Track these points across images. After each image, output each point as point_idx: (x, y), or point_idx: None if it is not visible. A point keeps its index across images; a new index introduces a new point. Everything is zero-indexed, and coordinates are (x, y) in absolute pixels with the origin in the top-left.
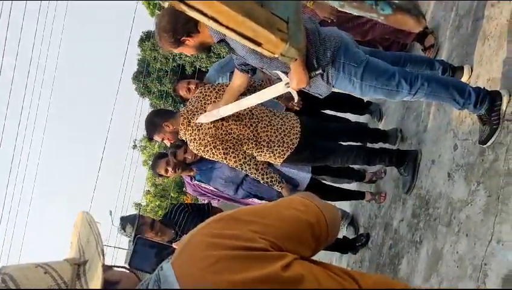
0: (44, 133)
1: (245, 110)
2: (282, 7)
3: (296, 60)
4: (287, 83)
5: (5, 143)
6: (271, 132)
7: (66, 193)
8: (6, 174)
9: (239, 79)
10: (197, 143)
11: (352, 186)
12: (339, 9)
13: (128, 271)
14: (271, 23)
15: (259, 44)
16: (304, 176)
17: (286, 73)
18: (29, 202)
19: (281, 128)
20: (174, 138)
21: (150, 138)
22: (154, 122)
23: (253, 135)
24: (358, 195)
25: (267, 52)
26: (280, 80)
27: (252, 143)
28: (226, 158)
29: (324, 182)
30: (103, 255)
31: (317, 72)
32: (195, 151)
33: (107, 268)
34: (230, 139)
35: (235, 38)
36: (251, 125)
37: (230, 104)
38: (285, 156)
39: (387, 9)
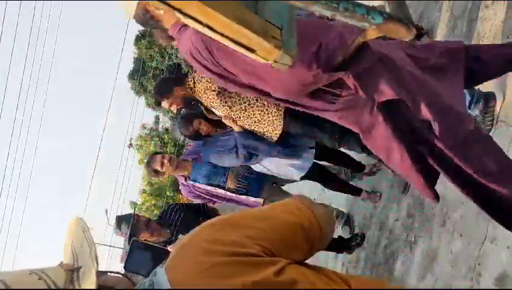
0: (40, 131)
1: None
2: (276, 14)
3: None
4: None
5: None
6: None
7: (61, 192)
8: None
9: None
10: (206, 82)
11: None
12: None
13: (122, 276)
14: (265, 30)
15: (253, 51)
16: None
17: None
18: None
19: None
20: (182, 103)
21: (158, 102)
22: (165, 86)
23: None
24: (355, 190)
25: (260, 58)
26: None
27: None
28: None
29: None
30: (97, 262)
31: None
32: (204, 90)
33: (101, 274)
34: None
35: (229, 45)
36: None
37: None
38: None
39: (378, 18)
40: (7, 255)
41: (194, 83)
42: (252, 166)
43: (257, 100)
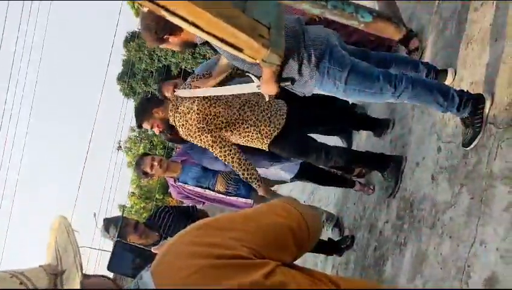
0: (27, 135)
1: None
2: (264, 13)
3: (277, 65)
4: (259, 85)
5: None
6: (258, 111)
7: (48, 195)
8: None
9: (226, 59)
10: (185, 129)
11: None
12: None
13: (106, 280)
14: (253, 29)
15: (240, 50)
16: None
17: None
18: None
19: (268, 108)
20: (163, 125)
21: (139, 124)
22: (144, 109)
23: (240, 115)
24: (348, 182)
25: (248, 58)
26: None
27: (239, 122)
28: (212, 146)
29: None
30: (81, 269)
31: (287, 84)
32: (185, 137)
33: (85, 277)
34: (219, 124)
35: (216, 44)
36: (238, 104)
37: (206, 88)
38: (272, 137)
39: (367, 17)
40: None
41: (176, 124)
42: None
43: (241, 132)
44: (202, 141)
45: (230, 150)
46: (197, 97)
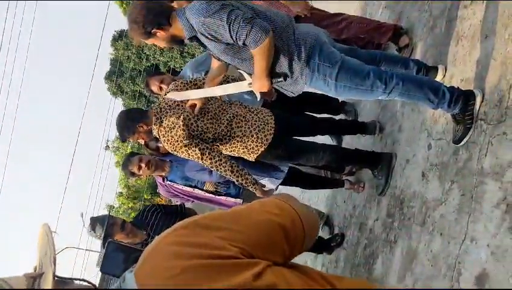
0: (13, 134)
1: (220, 107)
2: None
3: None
4: (250, 83)
5: None
6: (245, 127)
7: (37, 196)
8: None
9: (217, 62)
10: (171, 144)
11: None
12: None
13: (87, 283)
14: None
15: None
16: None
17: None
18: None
19: (255, 123)
20: (148, 137)
21: (123, 139)
22: (127, 125)
23: (228, 130)
24: (338, 183)
25: None
26: None
27: (226, 139)
28: (202, 158)
29: (303, 170)
30: (54, 264)
31: (279, 80)
32: (171, 151)
33: (66, 281)
34: (205, 139)
35: None
36: (226, 120)
37: (198, 89)
38: (259, 152)
39: None
40: None
41: (160, 138)
42: None
43: (227, 147)
44: (190, 155)
45: (221, 159)
46: (183, 110)
